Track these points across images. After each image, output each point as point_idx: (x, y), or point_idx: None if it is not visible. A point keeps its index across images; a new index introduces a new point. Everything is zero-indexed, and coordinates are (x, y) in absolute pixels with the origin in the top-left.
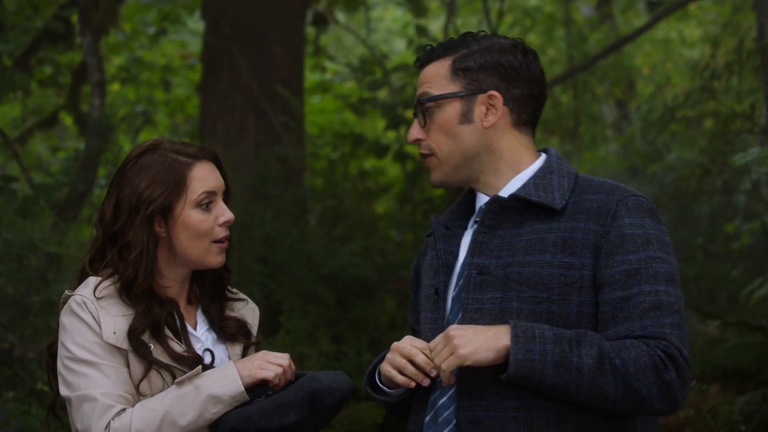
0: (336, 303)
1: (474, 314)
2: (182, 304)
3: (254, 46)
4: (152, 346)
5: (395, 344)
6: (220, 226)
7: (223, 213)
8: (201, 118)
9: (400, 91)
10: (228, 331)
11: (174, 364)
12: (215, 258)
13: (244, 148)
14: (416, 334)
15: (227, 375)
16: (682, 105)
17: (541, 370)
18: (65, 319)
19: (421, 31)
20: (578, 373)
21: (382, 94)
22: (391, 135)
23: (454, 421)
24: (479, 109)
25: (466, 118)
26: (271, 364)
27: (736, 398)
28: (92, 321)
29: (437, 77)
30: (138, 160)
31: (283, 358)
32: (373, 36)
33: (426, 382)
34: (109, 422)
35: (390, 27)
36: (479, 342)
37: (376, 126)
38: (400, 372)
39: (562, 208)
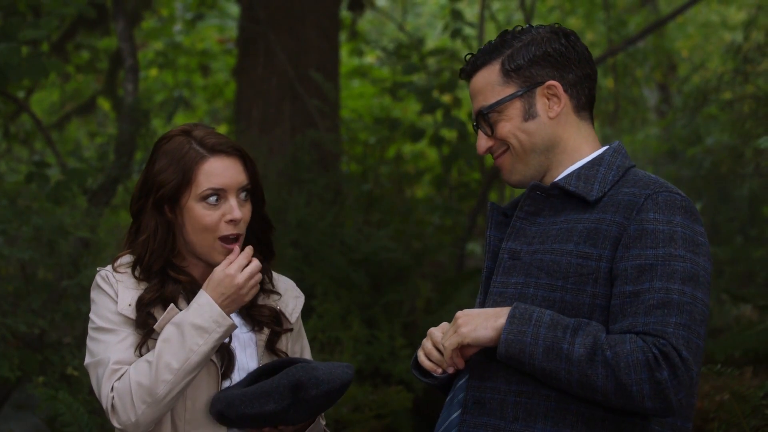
0: (369, 287)
1: (497, 297)
2: None
3: (289, 31)
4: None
5: (430, 330)
6: (227, 222)
7: (231, 211)
8: (236, 102)
9: (437, 75)
10: (256, 318)
11: None
12: (219, 257)
13: (280, 132)
14: None
15: (201, 303)
16: (715, 88)
17: (530, 353)
18: (93, 293)
19: (457, 15)
20: (567, 361)
21: (418, 78)
22: (427, 119)
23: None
24: (541, 102)
25: (529, 114)
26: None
27: (766, 382)
28: (113, 292)
29: (489, 86)
30: (167, 142)
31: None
32: (417, 20)
33: (450, 369)
34: (113, 384)
35: (434, 11)
36: (479, 321)
37: (414, 110)
38: (428, 358)
39: (596, 199)
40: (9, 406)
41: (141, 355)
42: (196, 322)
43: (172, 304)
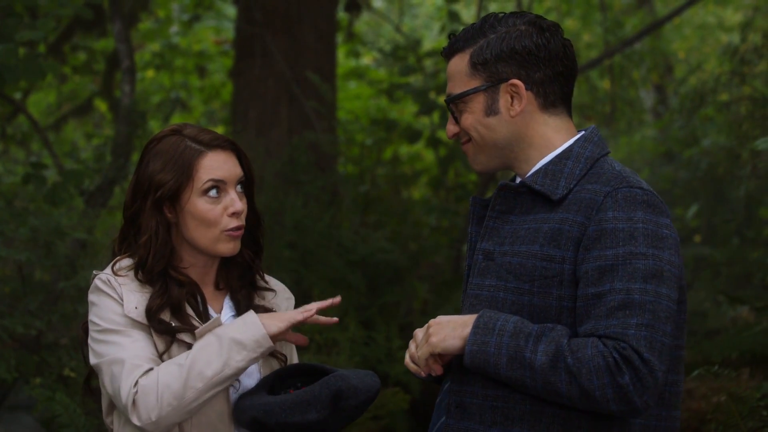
0: (366, 289)
1: (473, 300)
2: (208, 289)
3: (286, 32)
4: (173, 324)
5: (415, 331)
6: (229, 216)
7: (233, 203)
8: (233, 104)
9: (433, 77)
10: None
11: (193, 343)
12: (225, 246)
13: (277, 134)
14: None
15: (247, 321)
16: (712, 89)
17: (495, 363)
18: (92, 296)
19: (453, 16)
20: (530, 369)
21: (415, 79)
22: (424, 120)
23: None
24: (504, 99)
25: (491, 110)
26: (296, 319)
27: (763, 383)
28: (117, 296)
29: (458, 75)
30: (158, 143)
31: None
32: (413, 21)
33: (433, 373)
34: (138, 380)
35: (430, 13)
36: (448, 330)
37: (411, 112)
38: (412, 359)
39: (561, 198)
40: (5, 408)
41: (162, 360)
42: (237, 337)
43: (218, 315)
